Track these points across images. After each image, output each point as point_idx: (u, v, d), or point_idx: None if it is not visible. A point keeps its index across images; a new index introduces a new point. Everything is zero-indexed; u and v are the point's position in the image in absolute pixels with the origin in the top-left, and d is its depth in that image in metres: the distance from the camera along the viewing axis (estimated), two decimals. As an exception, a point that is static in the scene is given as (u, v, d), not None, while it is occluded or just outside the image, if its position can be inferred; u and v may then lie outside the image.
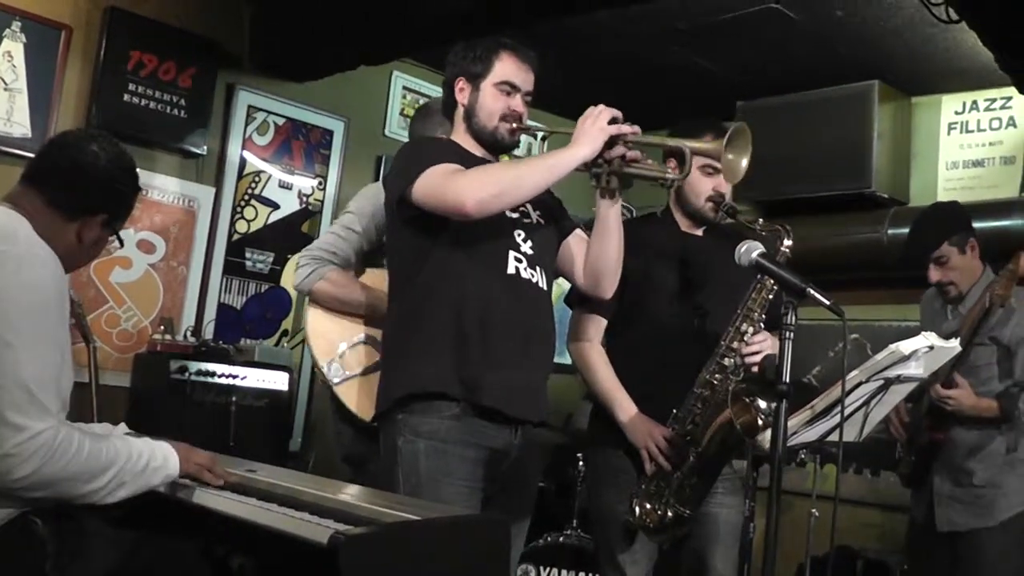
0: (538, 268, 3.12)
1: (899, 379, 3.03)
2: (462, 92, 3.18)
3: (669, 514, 3.33)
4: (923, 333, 2.90)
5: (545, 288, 3.15)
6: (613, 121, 2.94)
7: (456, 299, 2.98)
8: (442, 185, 2.89)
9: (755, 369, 3.31)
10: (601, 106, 2.97)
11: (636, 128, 2.96)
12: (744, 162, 2.92)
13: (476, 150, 3.16)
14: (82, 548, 2.44)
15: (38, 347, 2.32)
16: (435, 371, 2.95)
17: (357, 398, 3.74)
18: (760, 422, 3.08)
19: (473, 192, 2.84)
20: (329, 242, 3.84)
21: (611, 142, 2.94)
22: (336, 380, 3.73)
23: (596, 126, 2.92)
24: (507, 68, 3.14)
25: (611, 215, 3.12)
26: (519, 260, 3.06)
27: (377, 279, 3.79)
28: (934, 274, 4.23)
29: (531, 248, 3.11)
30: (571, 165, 2.93)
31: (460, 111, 3.20)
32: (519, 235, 3.10)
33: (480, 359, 2.95)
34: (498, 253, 3.04)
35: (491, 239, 3.01)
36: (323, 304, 3.78)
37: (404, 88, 6.45)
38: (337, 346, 3.78)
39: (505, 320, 3.00)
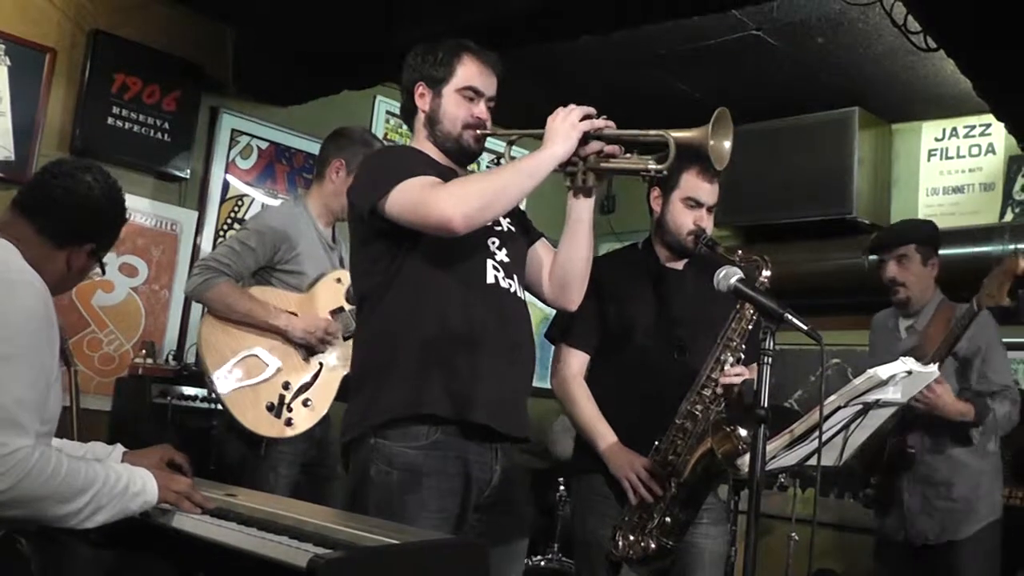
0: (515, 277, 3.01)
1: (878, 404, 3.04)
2: (423, 98, 3.03)
3: (652, 545, 3.31)
4: (901, 358, 2.92)
5: (523, 297, 3.05)
6: (586, 117, 2.83)
7: (436, 314, 2.85)
8: (422, 201, 2.75)
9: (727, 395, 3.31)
10: (572, 105, 2.86)
11: (610, 122, 2.86)
12: (728, 145, 2.83)
13: (440, 158, 3.03)
14: (66, 567, 2.46)
15: (23, 370, 2.33)
16: (420, 392, 2.81)
17: (244, 408, 3.91)
18: (741, 451, 3.08)
19: (458, 207, 2.71)
20: (224, 254, 4.06)
21: (586, 138, 2.83)
22: (225, 391, 3.90)
23: (568, 122, 2.80)
24: (470, 72, 3.01)
25: (584, 215, 2.99)
26: (497, 269, 2.95)
27: (266, 294, 4.07)
28: (891, 269, 4.33)
29: (506, 256, 3.00)
30: (550, 166, 2.81)
31: (421, 117, 3.06)
32: (493, 243, 2.98)
33: (468, 375, 2.83)
34: (476, 263, 2.92)
35: (467, 249, 2.88)
36: (215, 313, 4.00)
37: (387, 112, 6.48)
38: (227, 358, 3.96)
39: (490, 333, 2.89)
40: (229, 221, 5.77)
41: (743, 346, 3.33)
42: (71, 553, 2.49)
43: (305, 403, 4.01)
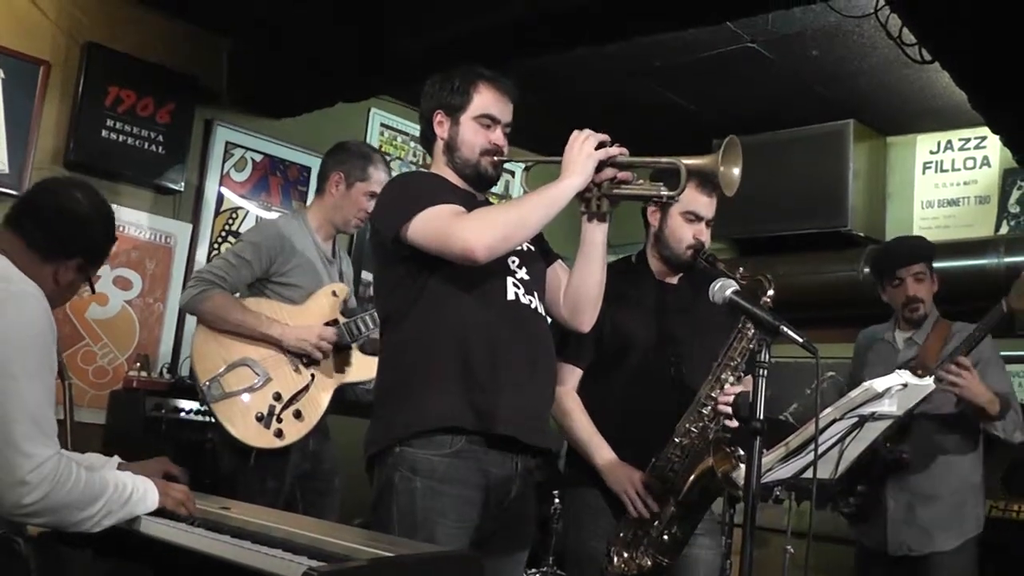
0: (535, 293, 3.08)
1: (873, 416, 3.04)
2: (441, 125, 3.13)
3: (648, 563, 3.30)
4: (897, 371, 2.91)
5: (543, 313, 3.11)
6: (600, 145, 2.90)
7: (459, 330, 2.92)
8: (446, 231, 2.84)
9: (727, 422, 3.30)
10: (587, 131, 2.93)
11: (623, 149, 2.93)
12: (737, 172, 2.93)
13: (459, 183, 3.11)
14: (64, 568, 2.51)
15: (39, 379, 2.44)
16: (445, 405, 2.88)
17: (233, 417, 3.93)
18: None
19: (480, 238, 2.80)
20: (220, 267, 4.08)
21: (600, 165, 2.90)
22: (214, 399, 3.92)
23: (584, 153, 2.88)
24: (486, 100, 3.10)
25: (598, 239, 3.05)
26: (517, 286, 3.02)
27: (261, 306, 4.08)
28: (912, 287, 4.33)
29: (526, 274, 3.07)
30: (568, 197, 2.90)
31: (440, 144, 3.15)
32: (513, 262, 3.05)
33: (490, 388, 2.89)
34: (497, 281, 2.99)
35: (488, 267, 2.92)
36: (208, 324, 4.02)
37: (382, 125, 6.47)
38: (218, 366, 3.97)
39: (511, 348, 2.95)
40: (224, 234, 5.75)
41: (744, 365, 3.31)
42: (69, 558, 2.54)
43: (296, 414, 4.00)
